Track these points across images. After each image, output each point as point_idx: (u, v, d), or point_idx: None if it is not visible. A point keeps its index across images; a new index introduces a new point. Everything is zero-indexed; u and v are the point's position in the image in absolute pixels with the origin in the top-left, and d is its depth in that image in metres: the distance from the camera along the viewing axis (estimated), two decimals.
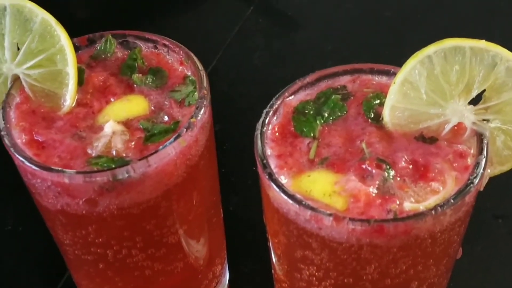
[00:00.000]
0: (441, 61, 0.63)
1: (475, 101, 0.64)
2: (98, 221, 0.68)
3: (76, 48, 0.73)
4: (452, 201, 0.59)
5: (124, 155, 0.66)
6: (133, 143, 0.67)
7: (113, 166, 0.64)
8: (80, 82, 0.72)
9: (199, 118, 0.67)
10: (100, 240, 0.70)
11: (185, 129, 0.66)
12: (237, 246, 0.96)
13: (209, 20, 1.35)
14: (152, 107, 0.71)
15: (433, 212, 0.59)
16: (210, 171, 0.75)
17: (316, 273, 0.66)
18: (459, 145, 0.64)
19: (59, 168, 0.64)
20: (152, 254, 0.74)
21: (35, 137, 0.68)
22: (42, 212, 0.72)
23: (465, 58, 0.63)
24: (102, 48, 0.76)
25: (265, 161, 0.63)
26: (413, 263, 0.63)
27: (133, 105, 0.70)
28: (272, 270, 0.77)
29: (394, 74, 0.66)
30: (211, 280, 0.85)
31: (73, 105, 0.71)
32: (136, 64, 0.74)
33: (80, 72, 0.73)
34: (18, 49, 0.71)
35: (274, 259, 0.73)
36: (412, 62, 0.64)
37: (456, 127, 0.65)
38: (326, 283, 0.66)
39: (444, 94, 0.64)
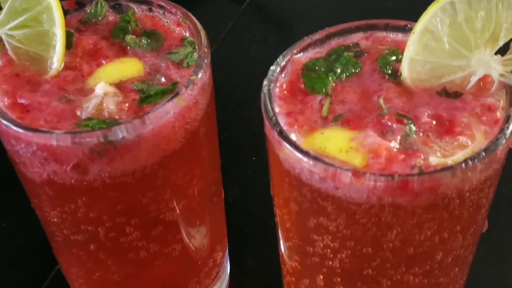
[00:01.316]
0: (464, 7, 0.57)
1: (502, 51, 0.59)
2: (88, 193, 0.62)
3: (64, 12, 0.67)
4: (483, 154, 0.53)
5: (117, 117, 0.60)
6: (126, 104, 0.61)
7: (105, 126, 0.58)
8: (69, 45, 0.66)
9: (199, 76, 0.61)
10: (91, 215, 0.64)
11: (184, 87, 0.60)
12: (238, 238, 0.89)
13: (205, 13, 1.30)
14: (148, 69, 0.65)
15: (463, 165, 0.52)
16: (211, 142, 0.69)
17: (331, 244, 0.59)
18: (486, 98, 0.58)
19: (45, 129, 0.58)
20: (148, 233, 0.67)
21: (18, 101, 0.62)
22: (28, 187, 0.66)
23: (491, 3, 0.57)
24: (93, 11, 0.70)
25: (274, 118, 0.57)
26: (439, 228, 0.57)
27: (127, 67, 0.64)
28: (280, 251, 0.70)
29: (411, 30, 0.60)
30: (212, 268, 0.78)
31: (61, 68, 0.65)
32: (130, 26, 0.68)
33: (69, 35, 0.67)
34: (1, 8, 0.64)
35: (282, 237, 0.67)
36: (433, 9, 0.58)
37: (482, 80, 0.59)
38: (342, 255, 0.60)
39: (468, 43, 0.58)
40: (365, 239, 0.58)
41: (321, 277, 0.64)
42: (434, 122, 0.57)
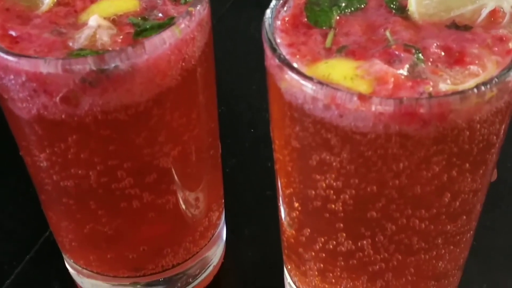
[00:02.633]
0: None
1: None
2: (79, 130, 0.59)
3: None
4: (496, 80, 0.50)
5: (110, 49, 0.57)
6: (121, 37, 0.58)
7: None
8: None
9: (197, 9, 0.58)
10: (82, 156, 0.61)
11: (181, 18, 0.57)
12: (235, 208, 0.86)
13: None
14: (144, 5, 0.62)
15: (475, 90, 0.49)
16: (208, 88, 0.66)
17: (334, 184, 0.56)
18: (498, 30, 0.55)
19: (36, 56, 0.55)
20: (141, 180, 0.64)
21: (8, 32, 0.59)
22: (16, 129, 0.63)
23: None
24: None
25: (275, 47, 0.54)
26: (447, 164, 0.54)
27: (122, 2, 0.62)
28: (279, 204, 0.67)
29: None
30: (207, 228, 0.75)
31: (53, 4, 0.62)
32: None
33: None
34: None
35: (281, 186, 0.64)
36: None
37: (492, 13, 0.56)
38: (346, 196, 0.57)
39: None
40: (370, 176, 0.55)
41: (323, 224, 0.61)
42: (443, 53, 0.55)
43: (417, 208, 0.57)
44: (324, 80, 0.53)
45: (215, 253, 0.80)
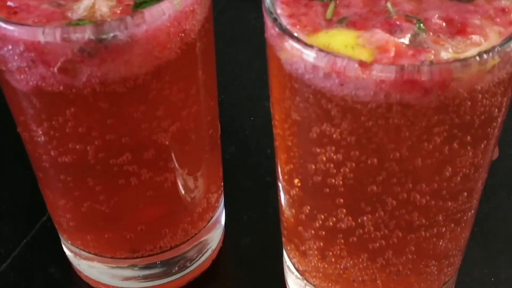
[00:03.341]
0: None
1: None
2: (77, 103, 0.58)
3: None
4: (498, 48, 0.50)
5: (109, 20, 0.56)
6: (120, 8, 0.58)
7: None
8: None
9: None
10: (80, 130, 0.60)
11: None
12: (234, 193, 0.86)
13: None
14: None
15: (477, 57, 0.49)
16: (208, 64, 0.66)
17: (335, 157, 0.56)
18: (500, 1, 0.55)
19: (34, 25, 0.54)
20: (139, 156, 0.63)
21: (6, 3, 0.59)
22: (14, 103, 0.62)
23: None
24: None
25: (275, 16, 0.54)
26: (449, 136, 0.53)
27: None
28: (278, 182, 0.66)
29: None
30: (205, 210, 0.74)
31: None
32: None
33: None
34: None
35: (281, 163, 0.63)
36: None
37: None
38: (346, 170, 0.56)
39: None
40: (370, 148, 0.54)
41: (323, 200, 0.60)
42: (444, 24, 0.54)
43: (417, 183, 0.56)
44: (325, 49, 0.52)
45: (213, 237, 0.79)
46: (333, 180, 0.58)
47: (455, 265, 0.69)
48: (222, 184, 0.78)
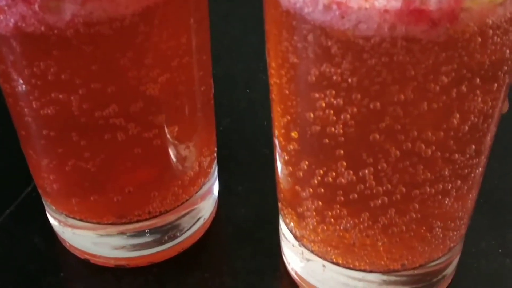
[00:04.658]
0: None
1: None
2: (60, 45, 0.55)
3: None
4: None
5: None
6: None
7: None
8: None
9: None
10: (63, 77, 0.56)
11: None
12: (228, 165, 0.82)
13: None
14: None
15: None
16: (200, 10, 0.62)
17: (335, 101, 0.52)
18: None
19: None
20: (126, 109, 0.59)
21: None
22: None
23: None
24: None
25: None
26: (457, 76, 0.50)
27: None
28: (274, 139, 0.62)
29: None
30: (197, 174, 0.70)
31: None
32: None
33: None
34: None
35: (277, 115, 0.60)
36: None
37: None
38: (347, 116, 0.52)
39: None
40: (373, 90, 0.50)
41: (322, 153, 0.56)
42: None
43: (423, 131, 0.53)
44: None
45: (206, 207, 0.75)
46: (333, 129, 0.54)
47: (461, 231, 0.65)
48: (216, 149, 0.74)
